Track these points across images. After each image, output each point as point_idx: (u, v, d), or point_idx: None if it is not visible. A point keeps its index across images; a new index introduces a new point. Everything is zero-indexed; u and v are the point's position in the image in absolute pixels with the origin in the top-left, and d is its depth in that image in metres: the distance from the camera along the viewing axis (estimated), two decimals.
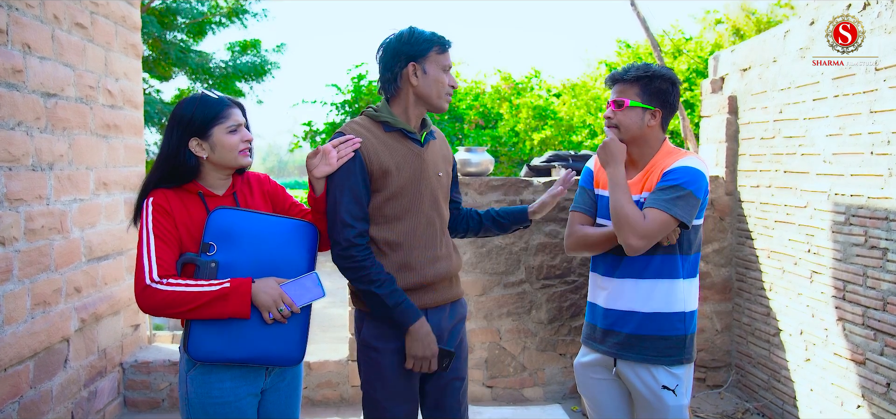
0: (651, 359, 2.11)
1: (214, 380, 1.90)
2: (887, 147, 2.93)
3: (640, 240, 2.00)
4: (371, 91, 11.43)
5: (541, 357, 4.16)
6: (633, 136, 2.15)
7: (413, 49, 2.05)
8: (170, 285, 1.80)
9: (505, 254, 4.08)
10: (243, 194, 2.05)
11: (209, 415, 1.90)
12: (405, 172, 2.07)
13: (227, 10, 12.24)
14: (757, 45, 4.04)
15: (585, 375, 2.30)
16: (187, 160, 1.91)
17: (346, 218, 2.00)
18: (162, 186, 1.92)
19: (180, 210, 1.91)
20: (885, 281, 2.95)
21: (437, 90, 2.08)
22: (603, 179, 2.27)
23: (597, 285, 2.27)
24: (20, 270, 2.93)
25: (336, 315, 7.71)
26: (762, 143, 3.96)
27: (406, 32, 2.09)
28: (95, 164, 3.59)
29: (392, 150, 2.07)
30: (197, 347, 1.85)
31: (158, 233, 1.85)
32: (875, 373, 3.02)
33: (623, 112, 2.14)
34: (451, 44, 2.11)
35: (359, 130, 2.07)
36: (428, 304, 2.11)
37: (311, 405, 4.07)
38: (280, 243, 1.97)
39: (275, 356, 1.92)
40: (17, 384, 2.91)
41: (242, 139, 1.95)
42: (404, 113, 2.11)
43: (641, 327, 2.12)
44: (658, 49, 6.38)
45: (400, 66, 2.06)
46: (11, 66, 2.86)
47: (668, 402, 2.11)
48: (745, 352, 4.15)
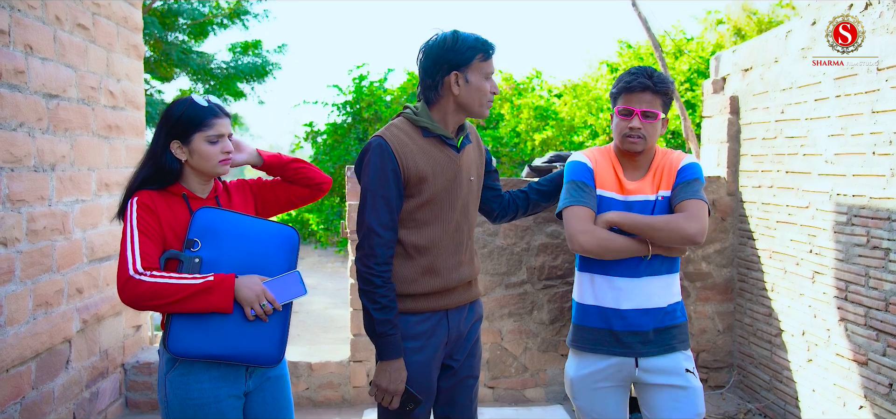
0: (672, 347, 2.17)
1: (192, 381, 1.89)
2: (889, 147, 2.92)
3: (698, 227, 2.07)
4: (372, 92, 11.43)
5: (542, 357, 4.16)
6: (650, 146, 2.18)
7: (456, 57, 2.00)
8: (153, 277, 1.80)
9: (506, 254, 4.08)
10: (225, 198, 2.09)
11: (187, 416, 1.89)
12: (441, 179, 2.05)
13: (229, 10, 12.25)
14: (758, 45, 4.04)
15: (589, 387, 2.21)
16: (169, 162, 1.94)
17: (375, 225, 1.98)
18: (147, 187, 1.94)
19: (165, 210, 1.93)
20: (888, 281, 2.94)
21: (479, 99, 2.05)
22: (604, 179, 2.21)
23: (611, 287, 2.16)
24: (22, 271, 2.93)
25: (337, 316, 7.71)
26: (764, 144, 3.95)
27: (450, 38, 2.02)
28: (97, 165, 3.59)
29: (429, 157, 2.04)
30: (176, 342, 1.84)
31: (142, 229, 1.86)
32: (877, 373, 3.01)
33: (653, 124, 2.13)
34: (496, 48, 2.06)
35: (398, 135, 2.02)
36: (449, 305, 2.12)
37: (313, 406, 4.07)
38: (262, 243, 1.99)
39: (254, 355, 1.92)
40: (18, 385, 2.92)
41: (222, 150, 1.97)
42: (443, 119, 2.07)
43: (663, 320, 2.17)
44: (659, 49, 6.37)
45: (441, 74, 2.02)
46: (13, 66, 2.86)
47: (693, 384, 2.17)
48: (747, 353, 4.15)
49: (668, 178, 2.17)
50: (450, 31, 2.06)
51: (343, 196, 11.46)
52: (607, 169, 2.22)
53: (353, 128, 11.57)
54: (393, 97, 11.49)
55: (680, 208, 2.11)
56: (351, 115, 11.60)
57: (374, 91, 11.46)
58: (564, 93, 13.31)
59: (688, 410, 2.14)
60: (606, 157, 2.25)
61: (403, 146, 2.01)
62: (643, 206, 2.17)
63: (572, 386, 2.25)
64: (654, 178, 2.18)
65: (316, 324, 7.46)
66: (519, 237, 4.08)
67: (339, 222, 10.83)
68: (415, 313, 2.08)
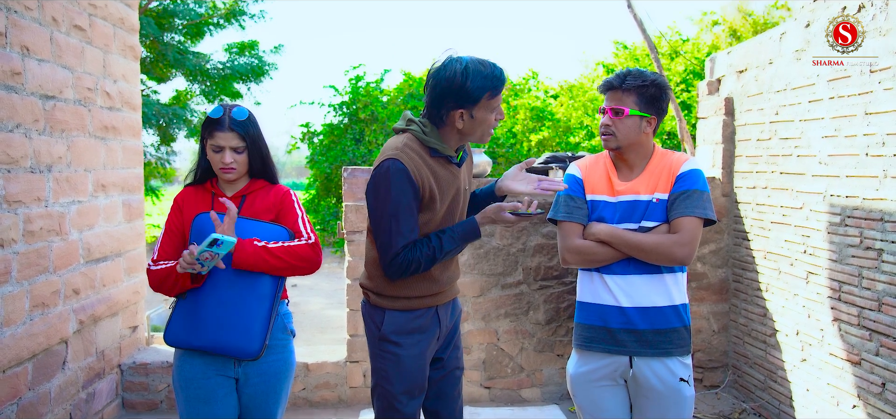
0: (668, 351, 2.15)
1: (188, 362, 2.20)
2: (882, 149, 2.95)
3: (688, 252, 2.10)
4: (368, 92, 11.43)
5: (538, 358, 4.17)
6: (631, 143, 2.19)
7: (465, 97, 1.99)
8: (157, 266, 2.14)
9: (502, 255, 4.09)
10: (251, 198, 2.23)
11: (183, 387, 2.20)
12: (448, 195, 2.13)
13: (225, 11, 12.24)
14: (753, 46, 4.06)
15: (587, 384, 2.24)
16: (203, 161, 2.23)
17: (407, 236, 2.02)
18: (192, 183, 2.26)
19: (192, 206, 2.21)
20: (881, 281, 2.96)
21: (483, 130, 2.07)
22: (595, 184, 2.25)
23: (605, 285, 2.20)
24: (19, 272, 2.93)
25: (334, 316, 7.71)
26: (758, 145, 3.98)
27: (459, 76, 1.97)
28: (94, 166, 3.59)
29: (437, 176, 2.09)
30: (169, 333, 2.15)
31: (167, 227, 2.21)
32: (870, 373, 3.03)
33: (621, 121, 2.16)
34: (505, 81, 2.03)
35: (413, 157, 2.03)
36: (438, 303, 2.22)
37: (309, 406, 4.08)
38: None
39: (231, 347, 2.10)
40: (15, 386, 2.92)
41: (222, 160, 2.14)
42: (447, 139, 2.11)
43: (658, 321, 2.15)
44: (655, 51, 6.39)
45: (447, 109, 2.02)
46: (10, 68, 2.87)
47: (684, 394, 2.16)
48: (742, 353, 4.17)
49: (667, 181, 2.18)
50: (462, 65, 1.99)
51: (340, 197, 11.45)
52: (599, 173, 2.27)
53: (349, 128, 11.57)
54: (389, 98, 11.50)
55: (674, 227, 2.12)
56: (347, 115, 11.60)
57: (371, 92, 11.46)
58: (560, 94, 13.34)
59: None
60: (600, 162, 2.30)
61: (419, 168, 2.03)
62: (632, 206, 2.18)
63: (572, 383, 2.29)
64: (651, 178, 2.19)
65: (312, 324, 7.46)
66: (515, 238, 4.09)
67: (336, 223, 10.83)
68: (409, 310, 2.16)
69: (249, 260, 2.07)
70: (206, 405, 2.17)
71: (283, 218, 2.22)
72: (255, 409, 2.23)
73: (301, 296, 8.94)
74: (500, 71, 2.03)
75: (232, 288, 2.10)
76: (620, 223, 2.18)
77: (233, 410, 2.21)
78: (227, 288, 2.10)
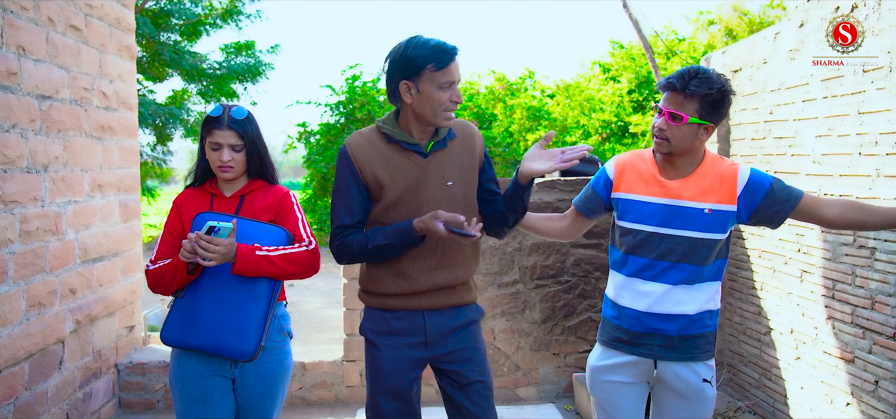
0: (694, 356, 2.11)
1: (184, 362, 2.20)
2: (875, 148, 2.96)
3: (838, 211, 2.06)
4: (365, 92, 11.43)
5: (535, 357, 4.18)
6: (683, 150, 2.05)
7: (406, 66, 1.97)
8: (154, 266, 2.16)
9: (498, 254, 4.10)
10: (250, 198, 2.23)
11: (179, 387, 2.21)
12: (401, 184, 2.05)
13: (222, 11, 12.23)
14: (747, 46, 4.08)
15: (604, 378, 2.20)
16: (202, 160, 2.23)
17: (343, 220, 2.08)
18: (191, 184, 2.27)
19: (191, 207, 2.22)
20: (874, 280, 2.98)
21: (432, 109, 1.99)
22: (633, 183, 2.14)
23: (632, 289, 2.13)
24: (15, 272, 2.94)
25: (331, 316, 7.72)
26: (753, 144, 3.99)
27: (402, 46, 1.99)
28: (90, 166, 3.59)
29: (389, 162, 2.06)
30: (165, 333, 2.15)
31: (166, 228, 2.23)
32: (864, 370, 3.05)
33: (678, 127, 2.00)
34: (453, 57, 1.97)
35: (361, 142, 2.08)
36: (425, 307, 2.11)
37: (306, 405, 4.09)
38: (250, 239, 2.14)
39: (227, 348, 2.10)
40: (12, 386, 2.92)
41: (219, 158, 2.14)
42: (407, 125, 2.06)
43: (687, 328, 2.09)
44: (650, 51, 6.42)
45: (394, 82, 2.01)
46: (6, 68, 2.87)
47: (707, 394, 2.13)
48: (737, 351, 4.19)
49: (723, 191, 2.05)
50: (407, 37, 2.01)
51: None
52: (640, 172, 2.14)
53: (346, 128, 11.58)
54: (386, 97, 11.50)
55: (810, 206, 2.07)
56: (344, 115, 11.60)
57: (368, 91, 11.47)
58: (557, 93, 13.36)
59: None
60: (643, 160, 2.17)
61: (363, 153, 2.06)
62: (674, 212, 2.06)
63: (591, 375, 2.25)
64: (700, 184, 2.06)
65: (309, 323, 7.46)
66: (510, 237, 4.10)
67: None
68: (387, 310, 2.12)
69: (251, 269, 2.07)
70: (202, 405, 2.17)
71: (283, 220, 2.22)
72: (252, 410, 2.24)
73: (298, 296, 8.94)
74: (450, 47, 1.97)
75: (229, 288, 2.11)
76: (659, 227, 2.07)
77: (229, 411, 2.21)
78: (225, 288, 2.11)
